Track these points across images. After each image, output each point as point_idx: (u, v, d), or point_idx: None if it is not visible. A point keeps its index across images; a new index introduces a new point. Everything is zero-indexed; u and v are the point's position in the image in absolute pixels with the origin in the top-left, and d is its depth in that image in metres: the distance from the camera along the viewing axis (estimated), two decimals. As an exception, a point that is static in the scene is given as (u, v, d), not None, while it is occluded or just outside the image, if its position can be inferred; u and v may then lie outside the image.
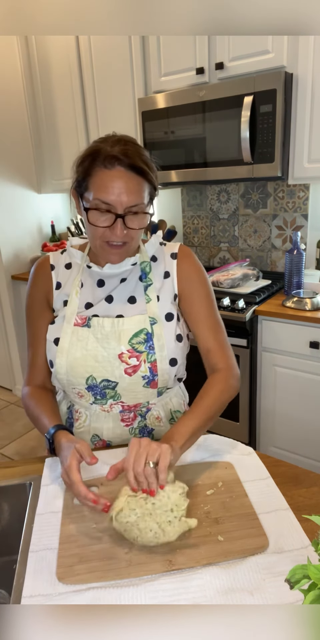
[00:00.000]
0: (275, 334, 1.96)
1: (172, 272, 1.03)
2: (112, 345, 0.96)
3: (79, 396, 1.02)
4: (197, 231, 2.75)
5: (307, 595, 0.47)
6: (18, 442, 2.74)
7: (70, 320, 0.99)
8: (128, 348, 0.96)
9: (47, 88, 2.81)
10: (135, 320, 0.98)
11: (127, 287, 1.01)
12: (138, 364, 0.97)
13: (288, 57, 1.87)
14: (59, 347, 0.98)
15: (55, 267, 1.05)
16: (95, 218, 0.90)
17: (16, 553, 0.77)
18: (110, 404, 1.02)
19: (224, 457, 0.95)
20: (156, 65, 2.25)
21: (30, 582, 0.69)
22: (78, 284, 1.01)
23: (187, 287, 1.03)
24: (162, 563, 0.71)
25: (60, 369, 0.98)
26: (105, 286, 1.02)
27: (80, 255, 1.04)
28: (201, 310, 1.03)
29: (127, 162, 0.86)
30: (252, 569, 0.69)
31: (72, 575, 0.70)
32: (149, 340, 0.97)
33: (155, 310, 0.99)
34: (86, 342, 0.97)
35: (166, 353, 0.98)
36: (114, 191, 0.87)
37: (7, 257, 3.01)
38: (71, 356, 0.97)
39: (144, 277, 1.02)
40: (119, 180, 0.86)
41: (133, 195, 0.88)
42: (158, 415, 1.07)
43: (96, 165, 0.88)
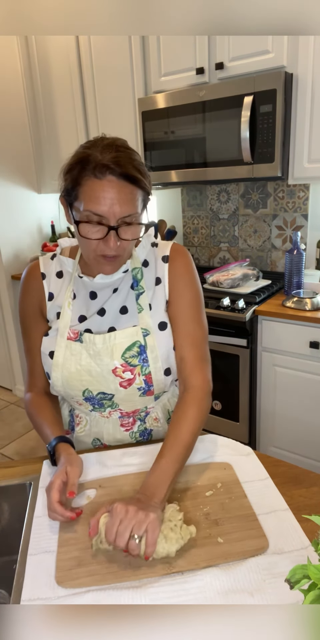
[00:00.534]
0: (275, 334, 1.96)
1: (163, 278, 0.99)
2: (105, 361, 0.94)
3: (78, 404, 1.03)
4: (197, 231, 2.75)
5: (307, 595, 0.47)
6: (18, 442, 2.74)
7: (64, 333, 0.97)
8: (121, 362, 0.94)
9: (47, 88, 2.81)
10: (128, 333, 0.95)
11: (118, 297, 0.98)
12: (133, 377, 0.95)
13: (288, 57, 1.87)
14: (53, 361, 0.97)
15: (46, 276, 1.01)
16: (86, 230, 0.85)
17: (16, 553, 0.77)
18: (109, 412, 1.02)
19: (223, 457, 0.95)
20: (156, 65, 2.25)
21: (29, 585, 0.69)
22: (70, 295, 0.99)
23: (174, 291, 0.98)
24: (161, 566, 0.70)
25: (56, 382, 0.98)
26: (98, 298, 0.98)
27: (72, 264, 1.00)
28: (182, 315, 0.97)
29: (119, 171, 0.81)
30: (252, 570, 0.69)
31: (72, 579, 0.69)
32: (142, 352, 0.94)
33: (148, 321, 0.96)
34: (80, 357, 0.95)
35: (160, 364, 0.95)
36: (106, 202, 0.81)
37: (7, 257, 3.01)
38: (66, 371, 0.96)
39: (135, 285, 0.98)
40: (110, 190, 0.81)
41: (126, 206, 0.83)
42: (156, 417, 1.07)
43: (86, 174, 0.82)
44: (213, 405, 2.20)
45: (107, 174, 0.81)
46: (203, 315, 1.00)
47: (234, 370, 2.06)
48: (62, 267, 1.02)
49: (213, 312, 2.03)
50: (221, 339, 2.04)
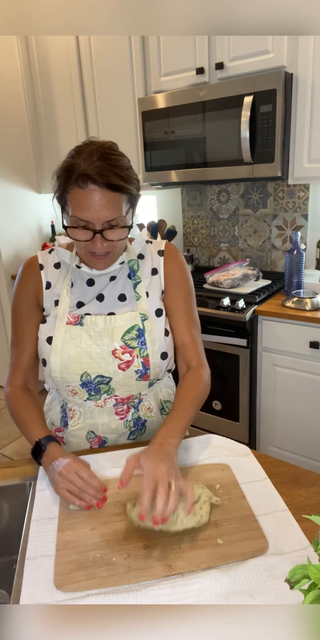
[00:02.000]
0: (275, 334, 1.96)
1: (159, 269, 1.06)
2: (106, 342, 0.98)
3: (73, 394, 1.03)
4: (197, 231, 2.75)
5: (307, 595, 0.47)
6: (18, 442, 2.74)
7: (63, 319, 1.00)
8: (121, 344, 0.98)
9: (47, 88, 2.81)
10: (127, 317, 1.00)
11: (116, 285, 1.03)
12: (131, 359, 0.99)
13: (288, 57, 1.87)
14: (52, 345, 0.99)
15: (44, 267, 1.05)
16: (74, 234, 0.91)
17: (16, 553, 0.77)
18: (104, 399, 1.03)
19: (221, 458, 0.95)
20: (156, 65, 2.24)
21: (27, 590, 0.69)
22: (68, 283, 1.02)
23: (171, 284, 1.06)
24: (161, 568, 0.70)
25: (54, 367, 0.99)
26: (95, 285, 1.03)
27: (69, 255, 1.05)
28: (181, 306, 1.06)
29: (101, 180, 0.84)
30: (253, 571, 0.69)
31: (71, 583, 0.69)
32: (140, 336, 1.00)
33: (146, 307, 1.02)
34: (79, 340, 0.98)
35: (157, 347, 1.01)
36: (90, 209, 0.86)
37: (7, 257, 3.01)
38: (65, 354, 0.98)
39: (132, 275, 1.04)
40: (93, 198, 0.85)
41: (110, 211, 0.87)
42: (149, 406, 1.09)
43: (70, 183, 0.86)
44: (213, 405, 2.20)
45: (89, 184, 0.85)
46: (195, 308, 1.10)
47: (234, 370, 2.06)
48: (60, 259, 1.06)
49: (213, 312, 2.03)
50: (221, 339, 2.05)
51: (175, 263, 1.07)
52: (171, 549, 0.73)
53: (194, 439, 1.03)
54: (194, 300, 1.09)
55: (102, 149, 0.88)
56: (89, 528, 0.79)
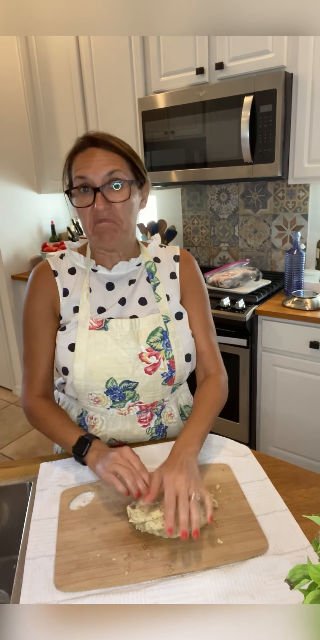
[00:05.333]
0: (275, 334, 1.96)
1: (177, 274, 1.06)
2: (132, 345, 0.97)
3: (95, 402, 1.00)
4: (197, 231, 2.75)
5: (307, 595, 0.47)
6: (18, 442, 2.74)
7: (85, 324, 0.97)
8: (147, 347, 0.97)
9: (47, 88, 2.81)
10: (150, 319, 0.99)
11: (137, 289, 1.02)
12: (157, 361, 0.98)
13: (288, 57, 1.87)
14: (76, 352, 0.96)
15: (58, 273, 1.02)
16: (78, 201, 0.93)
17: (16, 553, 0.77)
18: (128, 406, 1.01)
19: (221, 459, 0.95)
20: (156, 65, 2.24)
21: (27, 590, 0.69)
22: (87, 288, 1.00)
23: (188, 291, 1.06)
24: (161, 568, 0.70)
25: (78, 374, 0.96)
26: (115, 289, 1.02)
27: (84, 260, 1.03)
28: (198, 313, 1.06)
29: (100, 141, 0.90)
30: (253, 571, 0.69)
31: (71, 583, 0.69)
32: (165, 337, 0.99)
33: (167, 308, 1.02)
34: (104, 345, 0.96)
35: (182, 349, 1.01)
36: (89, 165, 0.89)
37: (7, 257, 3.01)
38: (90, 360, 0.95)
39: (151, 277, 1.04)
40: (92, 156, 0.90)
41: (108, 166, 0.90)
42: (171, 412, 1.09)
43: (75, 154, 0.93)
44: (213, 405, 2.19)
45: (88, 146, 0.91)
46: (211, 314, 1.11)
47: (234, 370, 2.06)
48: (74, 264, 1.04)
49: (213, 312, 2.02)
50: (221, 339, 2.04)
51: (192, 270, 1.08)
52: (171, 549, 0.73)
53: (194, 439, 1.03)
54: (209, 306, 1.10)
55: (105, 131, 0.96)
56: (89, 528, 0.79)
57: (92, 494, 0.87)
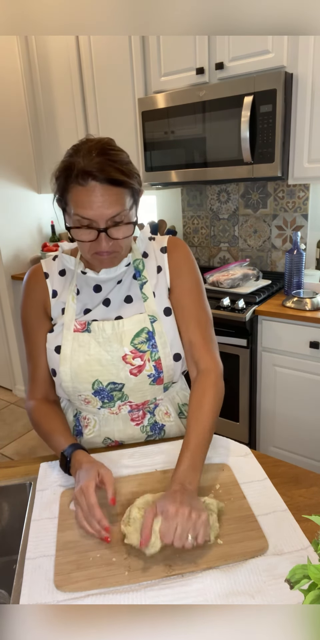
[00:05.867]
0: (275, 334, 1.96)
1: (164, 266, 1.02)
2: (115, 347, 0.95)
3: (86, 402, 1.01)
4: (197, 231, 2.75)
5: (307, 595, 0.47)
6: (18, 442, 2.74)
7: (70, 326, 0.97)
8: (131, 349, 0.96)
9: (47, 88, 2.80)
10: (135, 320, 0.97)
11: (122, 287, 1.01)
12: (142, 363, 0.96)
13: (288, 57, 1.86)
14: (61, 354, 0.96)
15: (49, 275, 1.03)
16: (78, 235, 0.88)
17: (16, 553, 0.77)
18: (119, 406, 1.01)
19: (221, 459, 0.95)
20: (156, 65, 2.24)
21: (27, 590, 0.69)
22: (74, 290, 1.00)
23: (176, 278, 1.02)
24: (161, 568, 0.70)
25: (64, 377, 0.96)
26: (102, 291, 1.01)
27: (73, 261, 1.02)
28: (186, 300, 1.00)
29: (101, 176, 0.82)
30: (253, 571, 0.69)
31: (71, 583, 0.69)
32: (151, 338, 0.97)
33: (154, 308, 0.99)
34: (88, 347, 0.96)
35: (169, 349, 0.98)
36: (92, 206, 0.83)
37: (7, 257, 3.01)
38: (75, 362, 0.96)
39: (138, 275, 1.01)
40: (95, 194, 0.83)
41: (113, 208, 0.84)
42: (167, 411, 1.07)
43: (70, 182, 0.84)
44: (213, 405, 2.19)
45: (89, 181, 0.83)
46: (205, 300, 1.03)
47: (234, 370, 2.06)
48: (65, 265, 1.03)
49: (213, 312, 2.02)
50: (221, 339, 2.04)
51: (180, 255, 1.03)
52: (171, 549, 0.73)
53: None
54: (202, 292, 1.03)
55: (101, 144, 0.86)
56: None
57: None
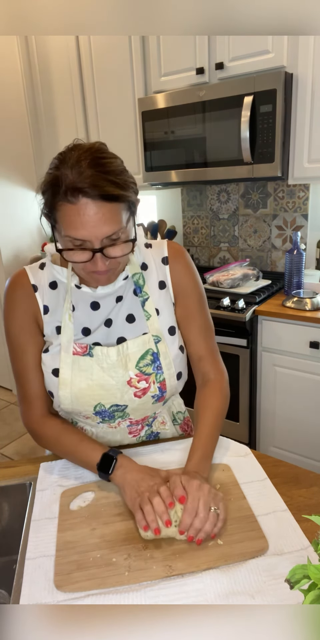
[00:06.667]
0: (275, 334, 1.96)
1: (166, 281, 0.97)
2: (120, 373, 0.91)
3: (85, 418, 0.97)
4: (197, 231, 2.75)
5: (307, 595, 0.47)
6: (18, 442, 2.74)
7: (68, 349, 0.90)
8: (136, 372, 0.91)
9: (47, 88, 2.81)
10: (139, 341, 0.92)
11: (123, 305, 0.94)
12: (147, 386, 0.93)
13: (288, 57, 1.87)
14: (60, 378, 0.90)
15: (38, 288, 0.92)
16: (71, 256, 0.79)
17: (16, 553, 0.77)
18: (118, 422, 0.99)
19: (221, 459, 0.95)
20: (156, 65, 2.24)
21: (27, 590, 0.68)
22: (69, 307, 0.91)
23: (181, 292, 0.98)
24: (162, 568, 0.70)
25: (64, 400, 0.91)
26: (101, 309, 0.93)
27: (65, 273, 0.92)
28: (194, 315, 0.98)
29: (93, 193, 0.72)
30: (253, 571, 0.69)
31: (71, 583, 0.69)
32: (155, 360, 0.92)
33: (157, 326, 0.94)
34: (91, 372, 0.90)
35: (173, 370, 0.95)
36: (85, 226, 0.74)
37: (7, 257, 3.01)
38: (76, 387, 0.90)
39: (138, 292, 0.94)
40: (87, 213, 0.73)
41: (108, 226, 0.75)
42: (163, 420, 1.07)
43: (58, 198, 0.75)
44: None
45: (80, 198, 0.73)
46: (208, 310, 1.03)
47: (234, 370, 2.06)
48: (56, 277, 0.93)
49: (213, 312, 2.03)
50: (221, 339, 2.04)
51: (183, 268, 0.97)
52: (171, 549, 0.73)
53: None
54: (206, 304, 1.01)
55: (90, 153, 0.75)
56: (89, 528, 0.79)
57: (92, 494, 0.87)
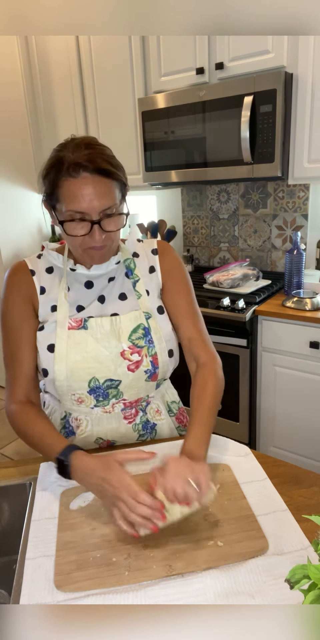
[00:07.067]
0: (275, 334, 1.96)
1: (156, 267, 1.05)
2: (113, 343, 0.96)
3: (78, 402, 1.00)
4: (197, 231, 2.75)
5: (307, 595, 0.47)
6: (18, 442, 2.74)
7: (64, 324, 0.96)
8: (129, 345, 0.97)
9: (47, 88, 2.80)
10: (131, 316, 0.99)
11: (116, 285, 1.02)
12: (140, 359, 0.98)
13: (288, 57, 1.86)
14: (56, 353, 0.95)
15: (35, 273, 1.01)
16: (71, 229, 0.89)
17: (16, 553, 0.77)
18: (112, 404, 1.01)
19: (221, 459, 0.95)
20: (156, 65, 2.24)
21: (27, 590, 0.68)
22: (65, 287, 0.99)
23: (169, 280, 1.05)
24: (162, 568, 0.70)
25: (59, 376, 0.95)
26: (94, 287, 1.01)
27: (61, 259, 1.01)
28: (182, 301, 1.05)
29: (92, 167, 0.85)
30: (253, 571, 0.69)
31: (71, 583, 0.69)
32: (147, 334, 0.99)
33: (148, 305, 1.01)
34: (85, 345, 0.95)
35: (164, 345, 1.00)
36: (85, 198, 0.85)
37: (7, 257, 3.01)
38: (71, 360, 0.95)
39: (130, 274, 1.03)
40: (87, 186, 0.85)
41: (104, 199, 0.86)
42: (158, 409, 1.08)
43: (61, 175, 0.87)
44: (213, 405, 2.19)
45: (81, 172, 0.85)
46: (195, 299, 1.09)
47: (234, 370, 2.06)
48: (52, 263, 1.02)
49: (213, 312, 2.03)
50: (221, 339, 2.04)
51: (171, 259, 1.07)
52: (171, 549, 0.74)
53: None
54: (193, 292, 1.08)
55: (87, 140, 0.90)
56: (89, 528, 0.79)
57: (92, 494, 0.87)
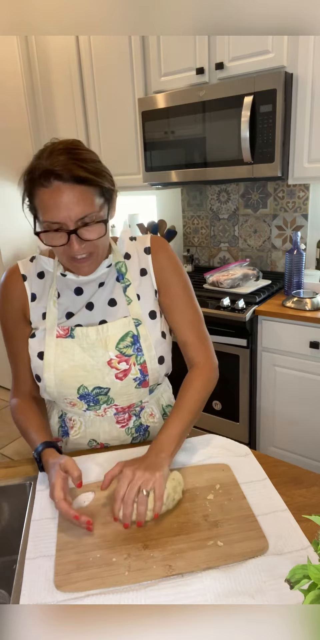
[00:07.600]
0: (275, 334, 1.96)
1: (148, 268, 1.00)
2: (100, 353, 0.95)
3: (71, 405, 1.01)
4: (197, 231, 2.75)
5: (307, 595, 0.47)
6: (18, 442, 2.74)
7: (52, 332, 0.96)
8: (116, 353, 0.95)
9: (47, 88, 2.80)
10: (120, 324, 0.96)
11: (105, 290, 0.99)
12: (128, 367, 0.96)
13: (288, 57, 1.87)
14: (44, 361, 0.95)
15: (27, 278, 1.00)
16: (49, 239, 0.85)
17: (16, 553, 0.77)
18: (104, 409, 1.01)
19: (221, 459, 0.95)
20: (156, 65, 2.24)
21: (27, 590, 0.69)
22: (54, 294, 0.98)
23: (164, 280, 1.00)
24: (162, 568, 0.70)
25: (49, 383, 0.96)
26: (84, 293, 0.99)
27: (52, 263, 0.99)
28: (177, 301, 1.01)
29: (65, 175, 0.80)
30: (253, 571, 0.69)
31: (71, 583, 0.69)
32: (135, 342, 0.96)
33: (138, 311, 0.98)
34: (72, 354, 0.94)
35: (154, 352, 0.97)
36: (59, 208, 0.81)
37: (7, 257, 3.01)
38: (59, 369, 0.94)
39: (121, 278, 0.99)
40: (59, 195, 0.80)
41: (80, 207, 0.81)
42: (152, 412, 1.08)
43: (34, 185, 0.82)
44: (213, 405, 2.20)
45: (52, 181, 0.80)
46: (194, 298, 1.04)
47: (234, 370, 2.06)
48: (43, 267, 1.01)
49: (213, 312, 2.03)
50: (221, 339, 2.04)
51: (164, 256, 1.01)
52: (171, 549, 0.73)
53: (194, 439, 1.03)
54: (191, 291, 1.03)
55: (64, 145, 0.85)
56: (89, 528, 0.79)
57: (92, 494, 0.87)
